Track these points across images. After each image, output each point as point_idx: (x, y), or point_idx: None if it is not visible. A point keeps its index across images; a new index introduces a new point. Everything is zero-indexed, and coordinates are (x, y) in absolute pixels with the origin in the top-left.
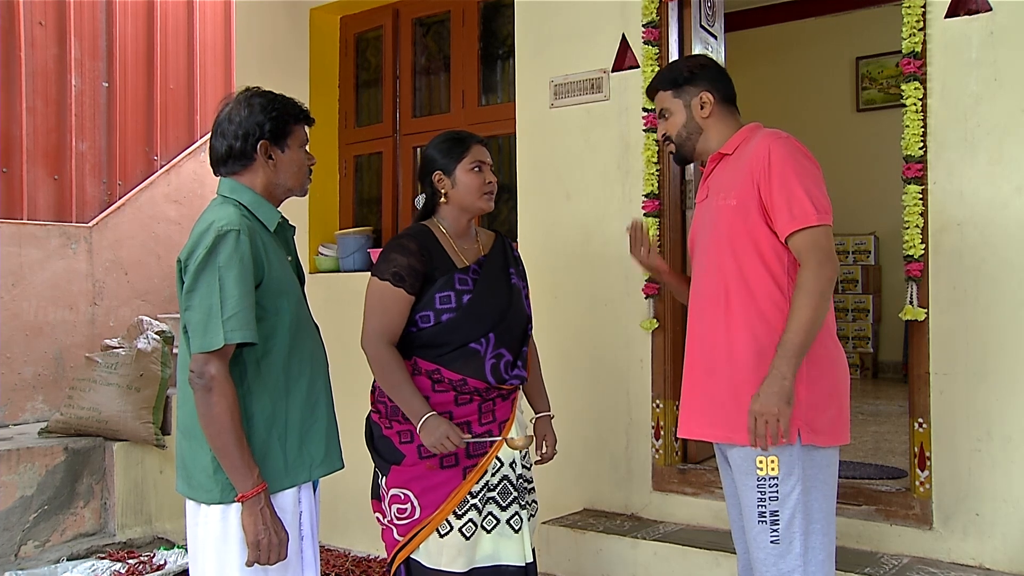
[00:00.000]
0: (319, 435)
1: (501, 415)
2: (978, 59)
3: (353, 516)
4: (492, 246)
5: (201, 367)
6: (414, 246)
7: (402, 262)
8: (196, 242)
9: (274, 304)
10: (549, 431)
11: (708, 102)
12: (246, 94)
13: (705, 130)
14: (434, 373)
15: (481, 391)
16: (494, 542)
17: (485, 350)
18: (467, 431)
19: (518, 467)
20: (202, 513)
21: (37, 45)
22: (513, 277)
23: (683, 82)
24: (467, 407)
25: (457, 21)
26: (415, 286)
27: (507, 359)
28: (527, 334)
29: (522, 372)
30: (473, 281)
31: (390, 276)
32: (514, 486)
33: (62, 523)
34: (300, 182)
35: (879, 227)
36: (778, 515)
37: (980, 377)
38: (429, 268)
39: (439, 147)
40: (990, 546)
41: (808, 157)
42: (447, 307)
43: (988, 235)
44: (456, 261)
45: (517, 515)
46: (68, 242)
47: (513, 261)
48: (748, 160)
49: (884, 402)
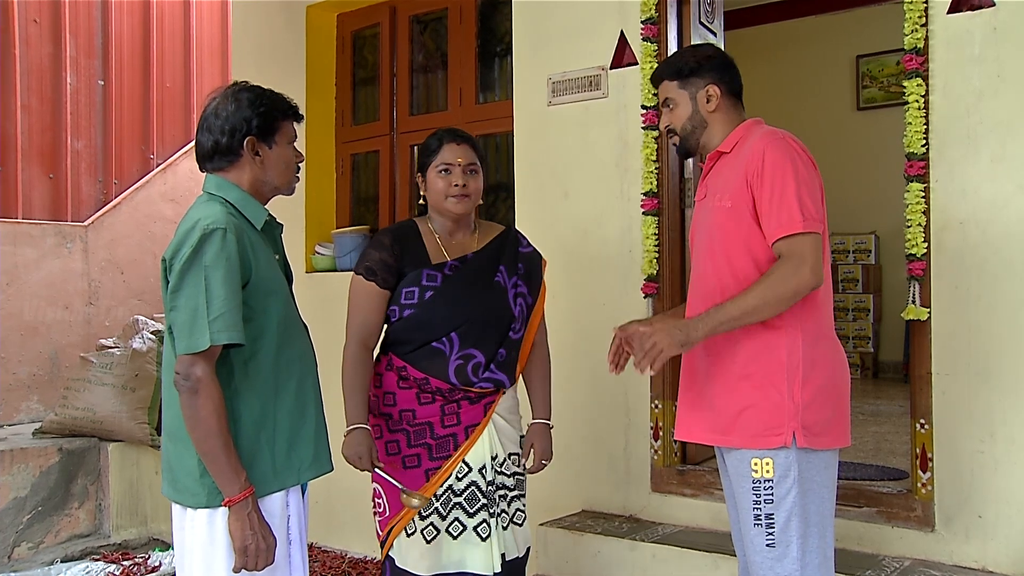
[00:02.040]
0: (308, 437)
1: (468, 419)
2: (981, 55)
3: (349, 517)
4: (488, 243)
5: (187, 369)
6: (387, 241)
7: (374, 256)
8: (181, 241)
9: (262, 304)
10: (538, 440)
11: (715, 95)
12: (233, 88)
13: (710, 124)
14: (402, 371)
15: (444, 391)
16: (460, 549)
17: (449, 350)
18: (429, 433)
19: (489, 473)
20: (188, 517)
21: (32, 43)
22: (499, 276)
23: (689, 72)
24: (429, 407)
25: (455, 18)
26: (388, 281)
27: (477, 360)
28: (508, 336)
29: (497, 375)
30: (443, 278)
31: (363, 271)
32: (483, 493)
33: (56, 524)
34: (288, 180)
35: (879, 226)
36: (773, 518)
37: (983, 377)
38: (400, 263)
39: (422, 145)
40: (993, 549)
41: (803, 160)
42: (409, 303)
43: (991, 234)
44: (435, 257)
45: (485, 523)
46: (63, 241)
47: (511, 259)
48: (743, 161)
49: (884, 402)
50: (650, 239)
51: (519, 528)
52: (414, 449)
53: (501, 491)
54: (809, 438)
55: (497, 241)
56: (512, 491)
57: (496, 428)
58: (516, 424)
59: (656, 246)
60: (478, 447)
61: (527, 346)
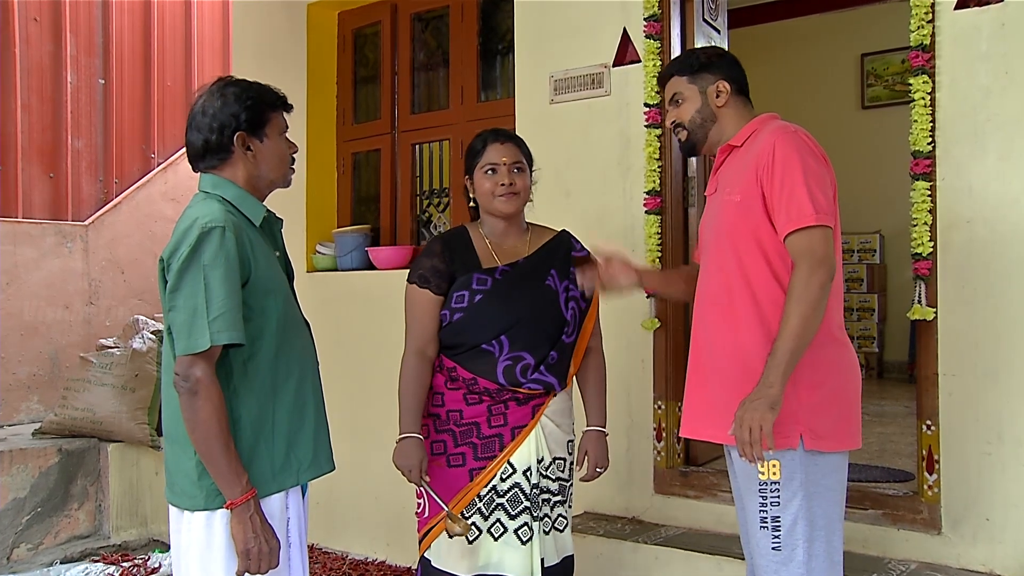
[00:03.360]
0: (307, 438)
1: (515, 420)
2: (988, 52)
3: (351, 519)
4: (541, 247)
5: (186, 370)
6: (438, 247)
7: (426, 264)
8: (179, 240)
9: (261, 303)
10: (592, 447)
11: (725, 91)
12: (219, 84)
13: (719, 119)
14: (452, 371)
15: (492, 392)
16: (500, 551)
17: (499, 352)
18: (475, 433)
19: (534, 476)
20: (185, 520)
21: (32, 41)
22: (550, 279)
23: (700, 68)
24: (476, 407)
25: (456, 16)
26: (441, 287)
27: (527, 362)
28: (560, 340)
29: (546, 377)
30: (494, 282)
31: (417, 279)
32: (527, 496)
33: (56, 525)
34: (283, 172)
35: (884, 225)
36: (779, 521)
37: (990, 378)
38: (452, 268)
39: (467, 149)
40: (1001, 552)
41: (815, 155)
42: (460, 306)
43: (998, 232)
44: (485, 262)
45: (527, 526)
46: (64, 241)
47: (563, 262)
48: (754, 155)
49: (889, 403)
50: (653, 238)
51: (560, 534)
52: (460, 448)
53: (545, 495)
54: (816, 440)
55: (550, 245)
56: (556, 496)
57: (544, 431)
58: (567, 429)
59: (659, 245)
60: (524, 449)
61: (580, 350)
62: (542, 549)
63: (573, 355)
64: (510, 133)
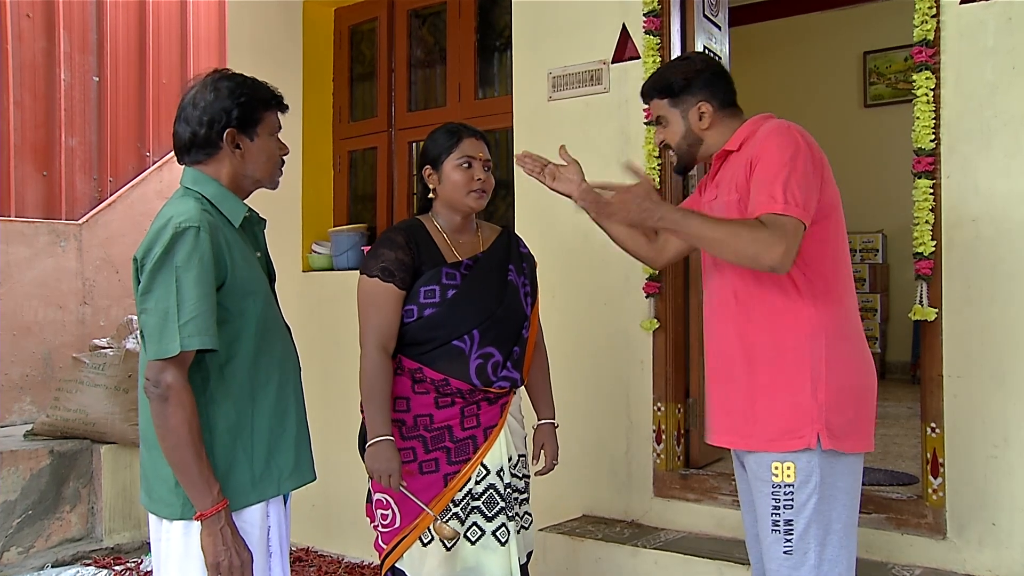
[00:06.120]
0: (288, 445)
1: (486, 420)
2: (995, 47)
3: (346, 522)
4: (493, 242)
5: (156, 375)
6: (401, 239)
7: (390, 256)
8: (153, 239)
9: (238, 306)
10: (549, 441)
11: (707, 112)
12: (213, 76)
13: (705, 140)
14: (416, 372)
15: (464, 393)
16: (476, 554)
17: (470, 348)
18: (448, 437)
19: (506, 476)
20: (164, 528)
21: (25, 38)
22: (511, 274)
23: (679, 91)
24: (448, 410)
25: (453, 12)
26: (405, 280)
27: (496, 359)
28: (521, 335)
29: (512, 374)
30: (462, 276)
31: (379, 272)
32: (501, 496)
33: (47, 528)
34: (270, 173)
35: (887, 225)
36: (792, 524)
37: (996, 380)
38: (417, 262)
39: (432, 139)
40: (1008, 557)
41: (806, 153)
42: (430, 301)
43: (1005, 231)
44: (447, 256)
45: (504, 527)
46: (57, 240)
47: (516, 258)
48: (749, 155)
49: (892, 404)
50: None
51: (526, 531)
52: (432, 454)
53: (515, 493)
54: (834, 440)
55: (501, 240)
56: (522, 494)
57: (510, 429)
58: (522, 424)
59: None
60: (496, 449)
61: (531, 345)
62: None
63: (527, 349)
64: (478, 129)
